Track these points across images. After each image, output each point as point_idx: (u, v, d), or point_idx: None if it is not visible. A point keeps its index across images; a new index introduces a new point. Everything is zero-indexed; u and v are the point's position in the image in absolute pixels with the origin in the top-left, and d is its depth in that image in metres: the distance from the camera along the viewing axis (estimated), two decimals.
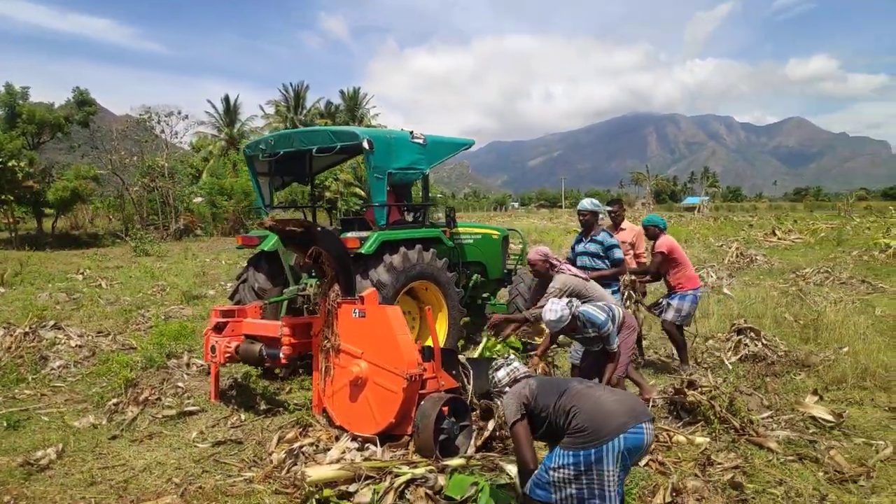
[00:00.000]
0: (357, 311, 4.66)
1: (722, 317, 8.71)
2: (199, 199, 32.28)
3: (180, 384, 6.18)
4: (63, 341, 7.41)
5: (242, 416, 5.53)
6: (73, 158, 35.61)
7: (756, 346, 7.10)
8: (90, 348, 7.41)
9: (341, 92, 59.37)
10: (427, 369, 4.50)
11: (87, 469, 4.52)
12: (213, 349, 5.50)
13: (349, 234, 6.05)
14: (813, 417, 5.01)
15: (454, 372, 4.93)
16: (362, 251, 5.81)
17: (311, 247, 4.64)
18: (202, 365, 6.81)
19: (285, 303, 6.45)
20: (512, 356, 4.00)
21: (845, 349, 6.98)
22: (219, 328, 5.62)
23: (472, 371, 5.05)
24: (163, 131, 33.94)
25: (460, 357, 5.21)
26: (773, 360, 6.78)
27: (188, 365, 6.78)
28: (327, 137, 6.07)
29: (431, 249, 6.40)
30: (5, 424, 5.25)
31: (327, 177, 30.83)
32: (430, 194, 7.16)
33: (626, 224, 7.30)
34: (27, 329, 7.41)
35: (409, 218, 7.27)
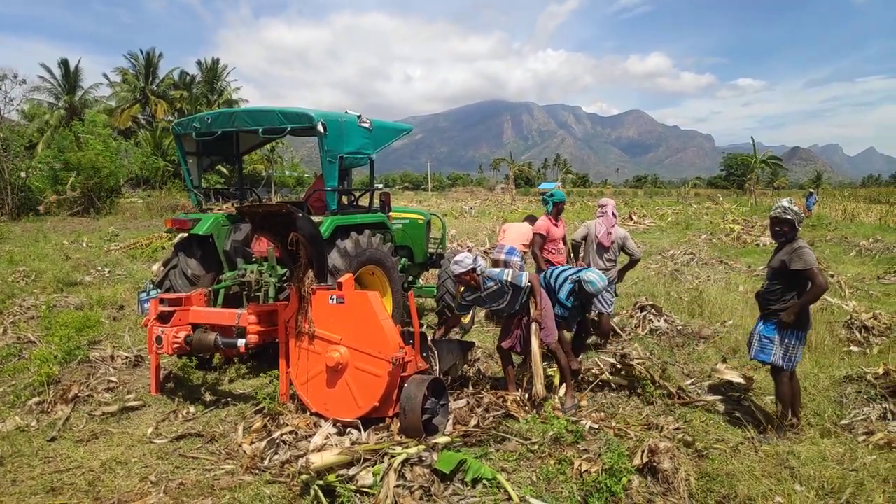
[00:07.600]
0: (335, 297, 4.65)
1: (622, 295, 9.55)
2: (24, 175, 28.52)
3: (112, 378, 5.72)
4: None
5: (192, 409, 5.29)
6: None
7: (659, 321, 7.94)
8: None
9: (199, 62, 55.53)
10: (407, 352, 4.62)
11: (37, 475, 4.16)
12: (158, 340, 5.17)
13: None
14: (730, 382, 5.77)
15: (424, 354, 5.08)
16: None
17: (288, 232, 4.55)
18: (127, 357, 6.34)
19: (221, 290, 6.18)
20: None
21: (730, 322, 8.03)
22: (163, 318, 5.29)
23: (436, 352, 5.24)
24: None
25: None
26: (674, 334, 7.62)
27: (112, 357, 6.26)
28: (276, 118, 5.86)
29: (378, 234, 6.43)
30: None
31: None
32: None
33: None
34: None
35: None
